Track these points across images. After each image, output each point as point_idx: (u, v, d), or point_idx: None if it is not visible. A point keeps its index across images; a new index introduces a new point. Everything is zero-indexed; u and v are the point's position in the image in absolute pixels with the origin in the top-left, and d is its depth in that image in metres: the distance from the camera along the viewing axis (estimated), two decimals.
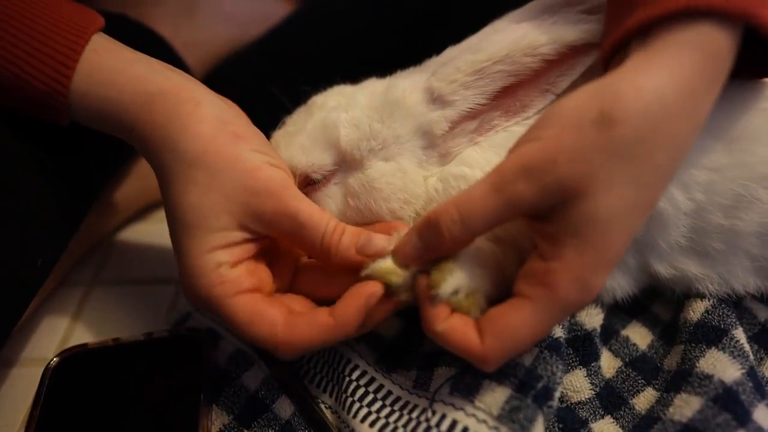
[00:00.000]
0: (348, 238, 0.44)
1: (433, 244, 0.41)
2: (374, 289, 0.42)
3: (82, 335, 0.59)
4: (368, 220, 0.50)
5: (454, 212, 0.39)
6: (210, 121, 0.45)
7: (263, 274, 0.46)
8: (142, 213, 0.71)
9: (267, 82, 0.65)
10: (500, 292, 0.43)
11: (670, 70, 0.37)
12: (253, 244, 0.45)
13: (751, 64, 0.41)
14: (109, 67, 0.46)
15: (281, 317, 0.42)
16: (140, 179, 0.68)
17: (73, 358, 0.53)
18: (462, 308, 0.41)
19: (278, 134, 0.54)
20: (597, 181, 0.37)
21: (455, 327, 0.40)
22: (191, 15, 0.71)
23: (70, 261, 0.64)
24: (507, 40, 0.47)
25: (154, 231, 0.69)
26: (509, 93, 0.48)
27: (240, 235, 0.44)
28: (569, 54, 0.47)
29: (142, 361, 0.52)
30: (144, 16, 0.66)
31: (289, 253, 0.50)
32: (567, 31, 0.46)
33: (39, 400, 0.50)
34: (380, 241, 0.44)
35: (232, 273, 0.43)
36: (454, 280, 0.41)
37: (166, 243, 0.46)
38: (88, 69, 0.45)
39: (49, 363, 0.52)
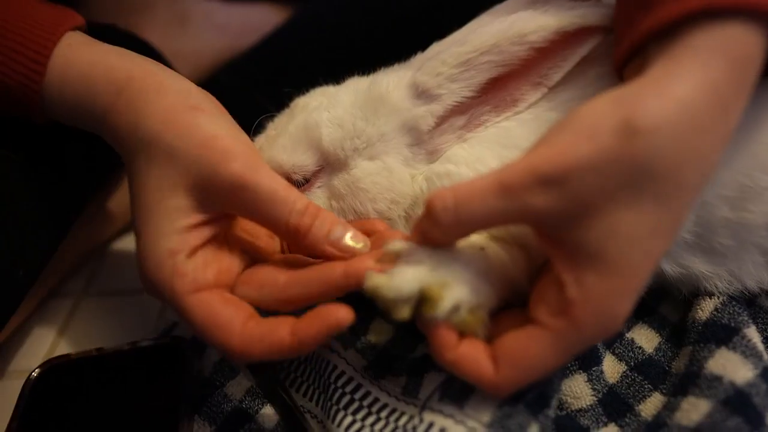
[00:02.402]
0: (322, 226, 0.40)
1: (426, 230, 0.38)
2: (345, 316, 0.37)
3: (69, 346, 0.58)
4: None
5: (449, 199, 0.36)
6: (170, 98, 0.43)
7: (224, 262, 0.43)
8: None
9: (259, 92, 0.65)
10: (507, 298, 0.41)
11: (698, 79, 0.34)
12: (213, 225, 0.42)
13: None
14: (83, 60, 0.45)
15: (238, 323, 0.39)
16: None
17: (55, 370, 0.52)
18: (467, 327, 0.38)
19: (260, 138, 0.53)
20: (615, 196, 0.34)
21: (466, 355, 0.38)
22: (182, 25, 0.71)
23: (62, 272, 0.64)
24: (494, 30, 0.45)
25: None
26: (499, 86, 0.46)
27: (198, 216, 0.41)
28: (560, 42, 0.45)
29: (125, 371, 0.51)
30: (135, 26, 0.67)
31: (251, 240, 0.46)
32: (557, 17, 0.44)
33: (18, 413, 0.49)
34: (358, 239, 0.41)
35: (187, 265, 0.40)
36: (451, 294, 0.37)
37: None
38: (62, 64, 0.45)
39: (30, 375, 0.51)
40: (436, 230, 0.37)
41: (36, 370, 0.51)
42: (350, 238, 0.41)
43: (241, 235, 0.46)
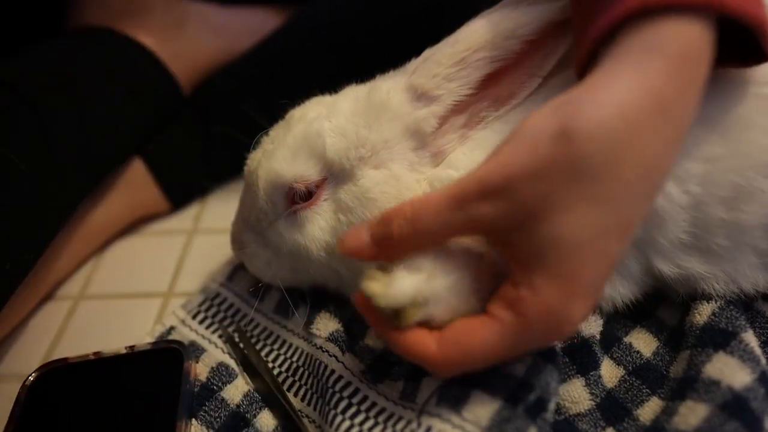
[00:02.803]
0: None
1: (381, 239, 0.39)
2: None
3: (66, 350, 0.57)
4: None
5: (408, 211, 0.38)
6: None
7: None
8: (130, 227, 0.70)
9: (255, 96, 0.65)
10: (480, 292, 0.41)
11: (633, 81, 0.35)
12: None
13: (739, 51, 0.39)
14: None
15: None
16: (128, 195, 0.67)
17: (52, 373, 0.51)
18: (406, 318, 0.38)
19: (255, 154, 0.52)
20: (557, 201, 0.34)
21: (414, 337, 0.39)
22: (179, 28, 0.71)
23: (57, 278, 0.64)
24: (484, 28, 0.46)
25: (142, 245, 0.68)
26: (495, 81, 0.47)
27: None
28: (551, 33, 0.45)
29: (122, 376, 0.51)
30: (132, 29, 0.66)
31: None
32: (545, 10, 0.45)
33: (14, 418, 0.48)
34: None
35: None
36: (400, 285, 0.38)
37: (154, 257, 0.44)
38: None
39: (27, 379, 0.51)
40: (393, 242, 0.39)
41: (32, 374, 0.51)
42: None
43: None
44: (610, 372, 0.48)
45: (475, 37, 0.45)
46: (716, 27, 0.37)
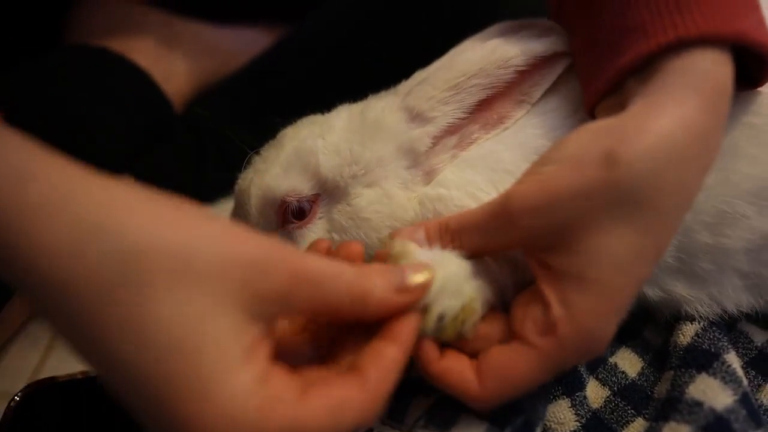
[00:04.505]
0: (381, 280, 0.35)
1: (424, 243, 0.41)
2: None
3: (54, 368, 0.57)
4: None
5: (452, 226, 0.41)
6: (129, 198, 0.30)
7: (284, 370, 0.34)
8: None
9: (247, 114, 0.65)
10: (494, 303, 0.43)
11: (676, 115, 0.37)
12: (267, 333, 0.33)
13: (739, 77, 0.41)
14: None
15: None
16: None
17: (39, 393, 0.51)
18: (447, 335, 0.39)
19: (247, 174, 0.52)
20: (599, 221, 0.36)
21: (451, 368, 0.39)
22: (172, 47, 0.72)
23: None
24: (478, 56, 0.48)
25: None
26: (486, 106, 0.49)
27: (256, 328, 0.31)
28: (539, 65, 0.48)
29: (111, 396, 0.50)
30: (125, 48, 0.67)
31: None
32: (535, 44, 0.47)
33: None
34: (418, 271, 0.37)
35: (274, 388, 0.31)
36: (436, 308, 0.38)
37: None
38: None
39: (13, 398, 0.50)
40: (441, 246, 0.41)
41: (19, 394, 0.50)
42: (412, 275, 0.37)
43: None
44: (595, 393, 0.48)
45: (470, 64, 0.47)
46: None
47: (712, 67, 0.38)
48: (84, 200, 0.29)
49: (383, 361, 0.34)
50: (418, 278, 0.37)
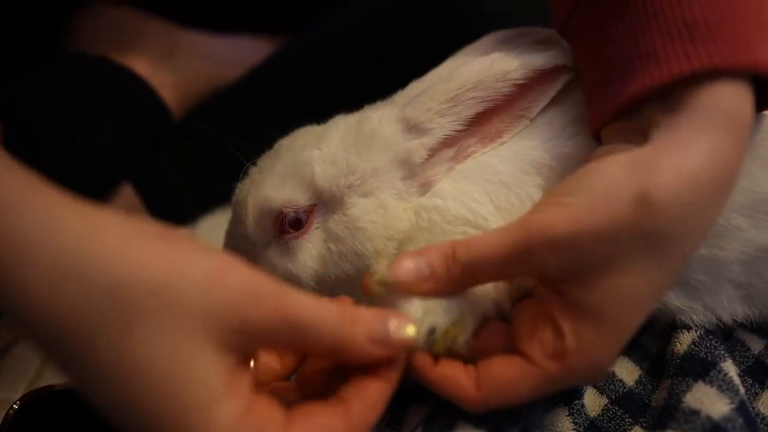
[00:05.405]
0: (362, 330, 0.35)
1: (428, 277, 0.40)
2: None
3: (53, 377, 0.57)
4: (351, 265, 0.48)
5: (463, 251, 0.39)
6: (117, 230, 0.31)
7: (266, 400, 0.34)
8: None
9: (244, 124, 0.65)
10: (489, 316, 0.43)
11: (707, 153, 0.36)
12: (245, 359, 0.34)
13: None
14: None
15: None
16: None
17: (37, 401, 0.51)
18: (439, 349, 0.40)
19: (244, 184, 0.52)
20: (624, 261, 0.36)
21: (446, 375, 0.39)
22: (171, 55, 0.72)
23: None
24: (477, 69, 0.48)
25: None
26: (484, 119, 0.48)
27: (230, 359, 0.32)
28: (538, 79, 0.48)
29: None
30: (124, 57, 0.67)
31: None
32: (533, 57, 0.47)
33: None
34: (402, 323, 0.36)
35: (259, 419, 0.32)
36: (427, 321, 0.39)
37: None
38: None
39: (11, 407, 0.50)
40: (441, 281, 0.39)
41: (17, 402, 0.50)
42: (396, 329, 0.36)
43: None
44: (593, 401, 0.48)
45: (468, 76, 0.47)
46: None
47: (739, 104, 0.37)
48: (67, 233, 0.29)
49: (367, 394, 0.35)
50: (401, 333, 0.36)
